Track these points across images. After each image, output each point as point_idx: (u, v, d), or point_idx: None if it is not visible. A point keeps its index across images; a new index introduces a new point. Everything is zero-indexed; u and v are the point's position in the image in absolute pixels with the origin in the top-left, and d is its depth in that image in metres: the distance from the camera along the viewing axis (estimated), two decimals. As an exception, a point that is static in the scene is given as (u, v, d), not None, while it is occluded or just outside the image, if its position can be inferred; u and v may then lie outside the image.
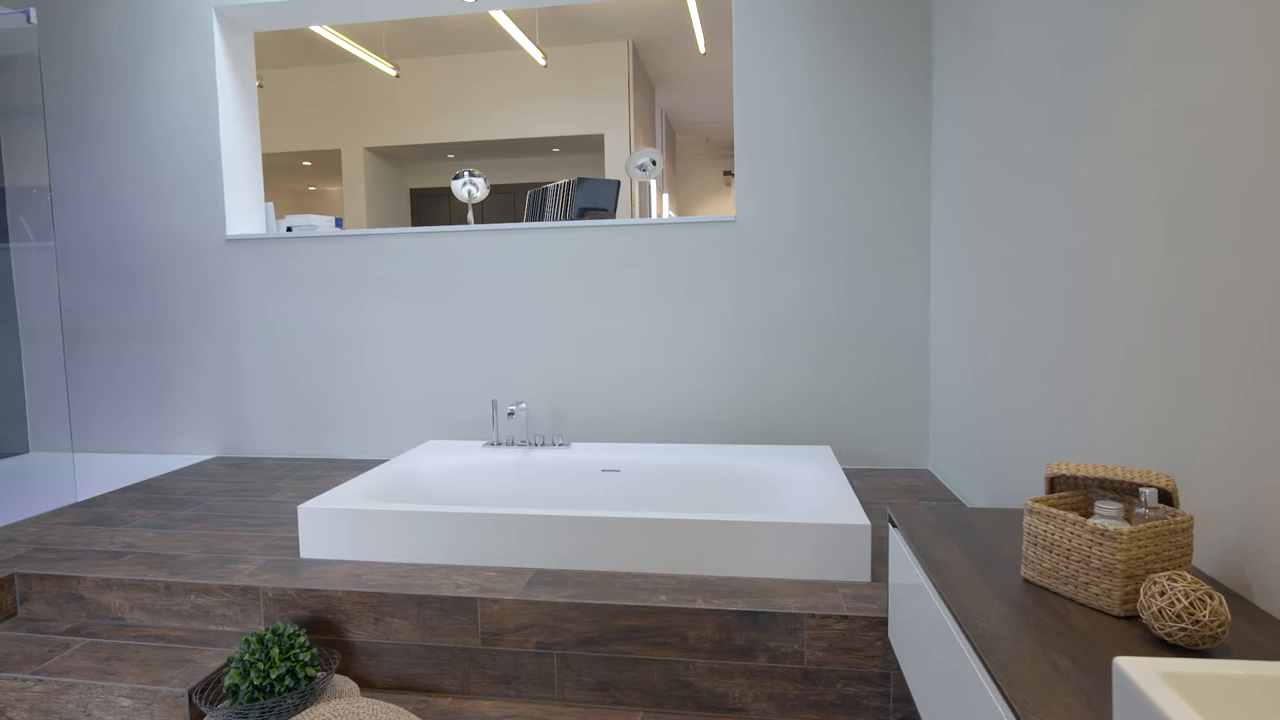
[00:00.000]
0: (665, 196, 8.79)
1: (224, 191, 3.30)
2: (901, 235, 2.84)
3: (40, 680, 1.71)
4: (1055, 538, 1.08)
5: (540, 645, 1.76)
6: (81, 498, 2.74)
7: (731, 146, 10.73)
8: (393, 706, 1.55)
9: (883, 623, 1.63)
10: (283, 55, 7.20)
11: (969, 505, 2.35)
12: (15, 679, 1.71)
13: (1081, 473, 1.14)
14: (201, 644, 1.85)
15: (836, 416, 2.93)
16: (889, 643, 1.63)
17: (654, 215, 7.39)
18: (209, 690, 1.69)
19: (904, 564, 1.38)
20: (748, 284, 2.94)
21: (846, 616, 1.64)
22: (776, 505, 2.40)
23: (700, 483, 2.56)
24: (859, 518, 1.83)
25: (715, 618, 1.69)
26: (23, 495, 2.84)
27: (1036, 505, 1.11)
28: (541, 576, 1.91)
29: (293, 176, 9.78)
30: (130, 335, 3.44)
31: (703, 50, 6.26)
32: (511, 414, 2.68)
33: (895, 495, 2.54)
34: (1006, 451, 2.04)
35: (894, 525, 1.49)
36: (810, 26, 2.83)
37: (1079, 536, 1.04)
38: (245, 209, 3.43)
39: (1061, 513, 1.07)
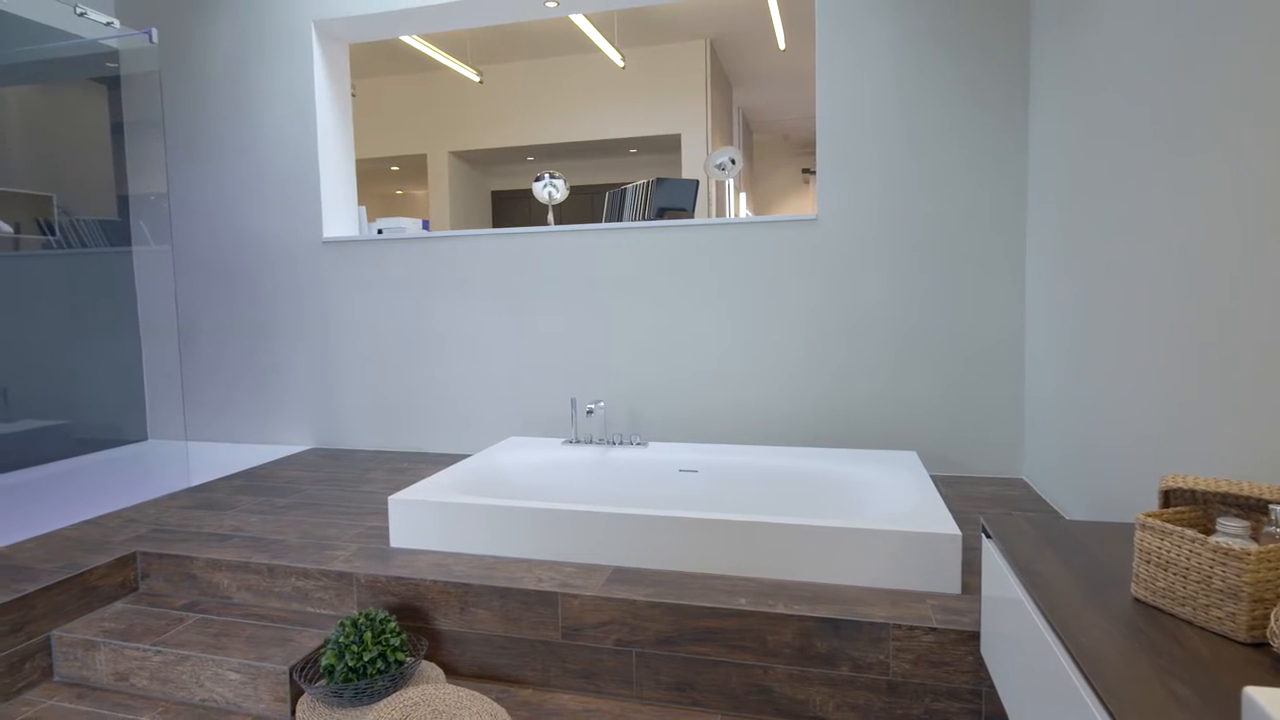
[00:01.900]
0: (743, 196, 8.70)
1: (321, 196, 3.47)
2: (993, 234, 2.72)
3: (159, 651, 1.84)
4: (1172, 555, 1.01)
5: (619, 642, 1.78)
6: (194, 483, 2.95)
7: (810, 144, 10.53)
8: (477, 694, 1.60)
9: (974, 637, 1.57)
10: (373, 65, 7.53)
11: (1066, 517, 2.23)
12: (138, 648, 1.86)
13: (1201, 486, 1.06)
14: (300, 624, 1.95)
15: (921, 421, 2.84)
16: (981, 658, 1.57)
17: (731, 214, 7.34)
18: (307, 669, 1.78)
19: (999, 577, 1.32)
20: (828, 283, 2.88)
21: (935, 629, 1.58)
22: (859, 511, 2.34)
23: (779, 485, 2.52)
24: (949, 527, 1.76)
25: (796, 623, 1.66)
26: (142, 479, 3.08)
27: (1150, 520, 1.05)
28: (620, 574, 1.92)
29: (382, 181, 10.21)
30: (237, 332, 3.67)
31: (782, 47, 6.17)
32: (590, 412, 2.71)
33: (986, 504, 2.43)
34: (1109, 461, 1.92)
35: (988, 536, 1.43)
36: (897, 20, 2.75)
37: (1199, 555, 0.97)
38: (340, 212, 3.60)
39: (1179, 529, 1.00)
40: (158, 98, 3.70)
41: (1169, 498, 1.13)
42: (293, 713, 1.75)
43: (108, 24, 3.13)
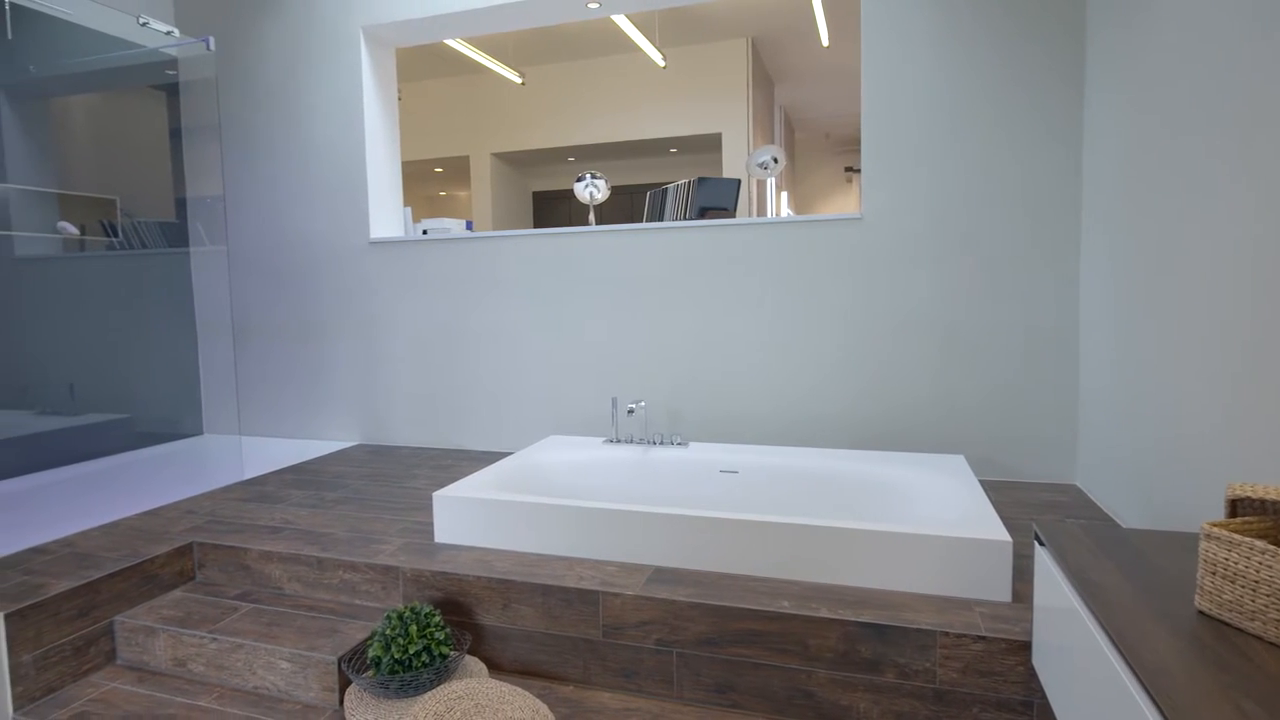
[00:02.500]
0: (784, 195, 8.62)
1: (368, 198, 3.55)
2: (1044, 229, 2.64)
3: (215, 639, 1.90)
4: (1240, 568, 0.97)
5: (660, 642, 1.78)
6: (246, 477, 3.04)
7: (853, 142, 10.37)
8: (520, 690, 1.61)
9: (1025, 646, 1.53)
10: (418, 68, 7.66)
11: (1123, 525, 2.15)
12: (195, 635, 1.92)
13: (1271, 495, 1.02)
14: (348, 616, 2.00)
15: (969, 423, 2.77)
16: (1033, 669, 1.52)
17: (772, 214, 7.26)
18: (355, 660, 1.82)
19: (1053, 585, 1.28)
20: (872, 282, 2.84)
21: (984, 637, 1.55)
22: (904, 516, 2.30)
23: (821, 488, 2.49)
24: (999, 533, 1.72)
25: (839, 628, 1.64)
26: (198, 472, 3.19)
27: (1216, 530, 1.00)
28: (660, 574, 1.92)
29: (426, 182, 10.38)
30: (287, 330, 3.77)
31: (826, 43, 6.09)
32: (631, 412, 2.72)
33: (1037, 510, 2.37)
34: (1170, 467, 1.85)
35: (1040, 543, 1.39)
36: (943, 12, 2.69)
37: (1270, 568, 0.93)
38: (386, 214, 3.67)
39: (1248, 540, 0.96)
40: (214, 103, 3.82)
41: (1236, 507, 1.08)
42: (341, 702, 1.79)
43: (168, 33, 3.25)
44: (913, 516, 2.26)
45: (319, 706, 1.79)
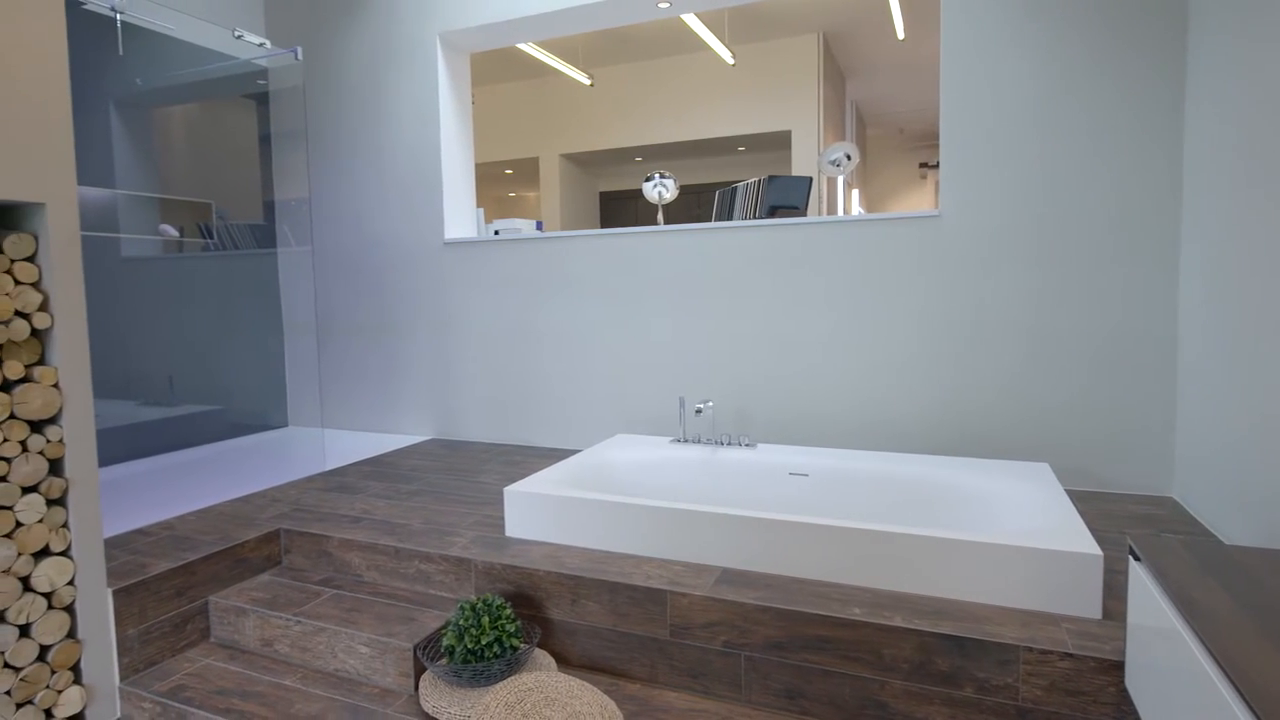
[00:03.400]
0: (855, 192, 8.43)
1: (443, 200, 3.65)
2: (1140, 233, 2.50)
3: (299, 622, 1.99)
4: (1370, 592, 0.89)
5: (728, 644, 1.76)
6: (328, 468, 3.17)
7: (928, 137, 10.06)
8: (587, 685, 1.63)
9: (1117, 667, 1.45)
10: (489, 72, 7.83)
11: (1226, 541, 2.02)
12: (281, 618, 2.02)
13: None
14: (423, 605, 2.06)
15: (1053, 430, 2.64)
16: (1125, 691, 1.44)
17: (842, 212, 7.11)
18: (429, 648, 1.88)
19: (1150, 604, 1.21)
20: (950, 282, 2.74)
21: (1072, 654, 1.47)
22: (983, 524, 2.21)
23: (894, 493, 2.43)
24: (1089, 546, 1.63)
25: (915, 638, 1.59)
26: (284, 463, 3.35)
27: (1343, 551, 0.93)
28: (728, 575, 1.91)
29: (496, 184, 10.61)
30: (366, 328, 3.92)
31: (901, 36, 5.93)
32: (699, 412, 2.71)
33: (1130, 523, 2.24)
34: (1282, 482, 1.72)
35: (1136, 558, 1.31)
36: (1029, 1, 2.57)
37: (1407, 594, 0.85)
38: (460, 215, 3.77)
39: (1381, 563, 0.88)
40: (302, 110, 4.00)
41: (1366, 526, 1.00)
42: (416, 687, 1.84)
43: (260, 44, 3.42)
44: (994, 525, 2.17)
45: (395, 691, 1.86)
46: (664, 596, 1.83)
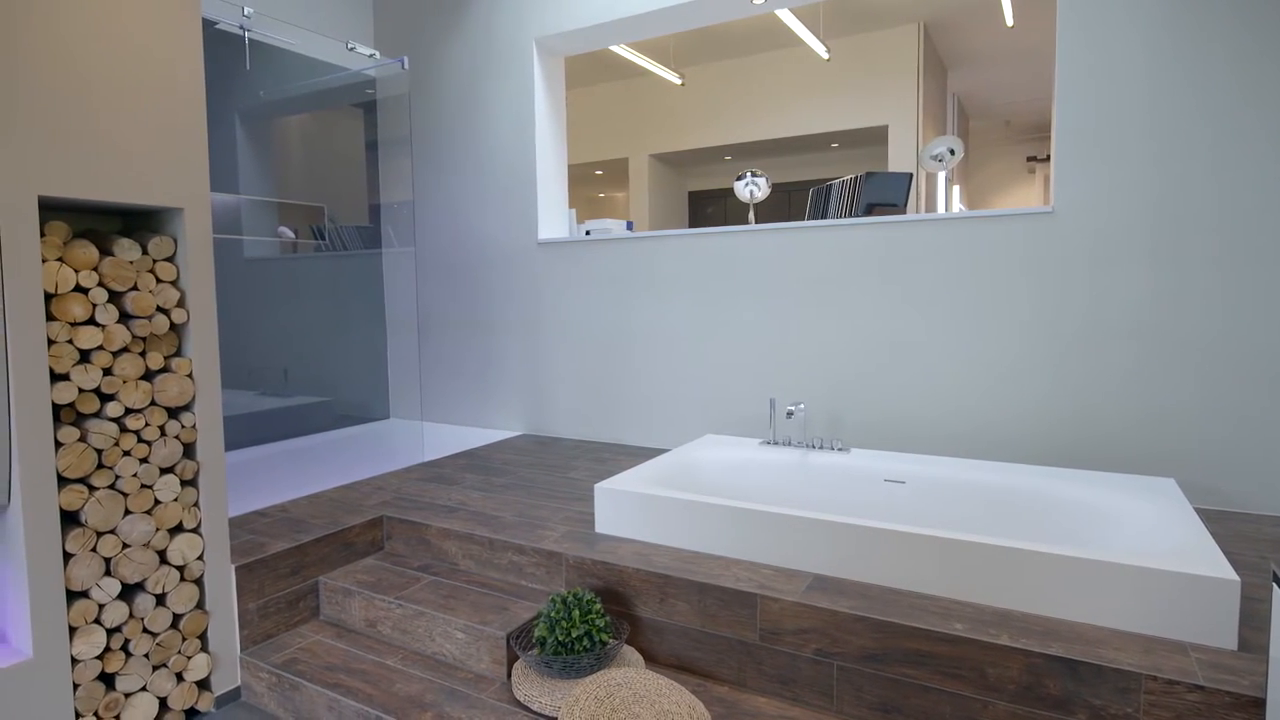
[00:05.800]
0: (956, 189, 8.07)
1: (537, 201, 3.74)
2: (1271, 230, 2.27)
3: (400, 605, 2.09)
4: None
5: (819, 652, 1.72)
6: (426, 459, 3.31)
7: (1036, 129, 9.50)
8: (676, 685, 1.63)
9: (1257, 704, 1.32)
10: (581, 75, 7.96)
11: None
12: (384, 600, 2.12)
13: None
14: (515, 595, 2.11)
15: (1183, 443, 2.44)
16: (1266, 730, 1.31)
17: (942, 209, 6.83)
18: (522, 637, 1.93)
19: (1301, 637, 1.10)
20: (1065, 283, 2.58)
21: (1202, 687, 1.35)
22: (1099, 541, 2.07)
23: (999, 504, 2.30)
24: (1224, 570, 1.50)
25: (1022, 658, 1.51)
26: (386, 453, 3.52)
27: None
28: (820, 582, 1.86)
29: (586, 184, 10.78)
30: (463, 325, 4.06)
31: (1010, 23, 5.62)
32: (790, 414, 2.66)
33: (1270, 547, 2.04)
34: None
35: (1283, 586, 1.19)
36: (1165, -22, 2.38)
37: None
38: (553, 216, 3.85)
39: None
40: (407, 117, 4.19)
41: None
42: (508, 675, 1.90)
43: (370, 55, 3.61)
44: (1111, 543, 2.03)
45: (489, 678, 1.91)
46: (754, 600, 1.80)
